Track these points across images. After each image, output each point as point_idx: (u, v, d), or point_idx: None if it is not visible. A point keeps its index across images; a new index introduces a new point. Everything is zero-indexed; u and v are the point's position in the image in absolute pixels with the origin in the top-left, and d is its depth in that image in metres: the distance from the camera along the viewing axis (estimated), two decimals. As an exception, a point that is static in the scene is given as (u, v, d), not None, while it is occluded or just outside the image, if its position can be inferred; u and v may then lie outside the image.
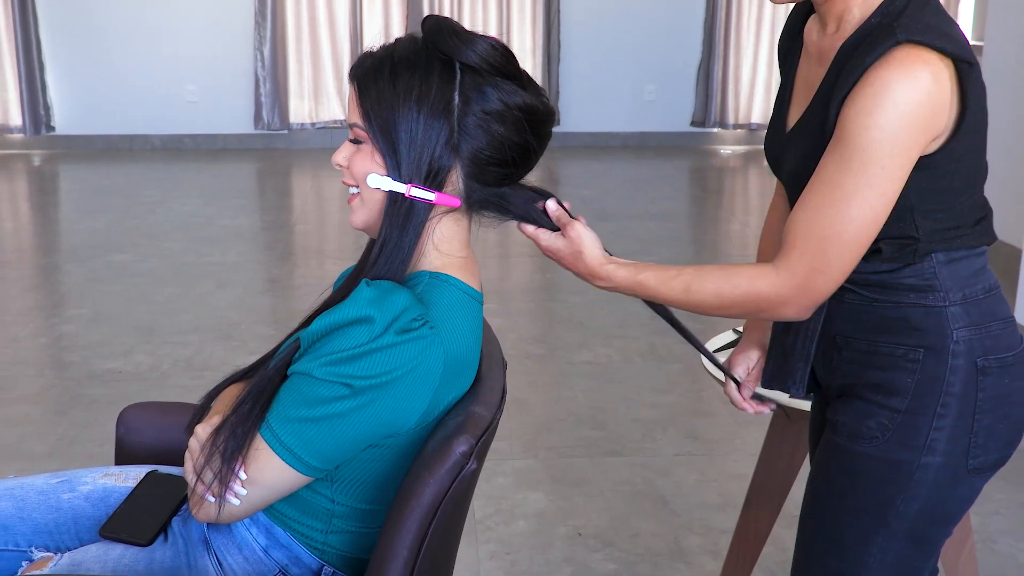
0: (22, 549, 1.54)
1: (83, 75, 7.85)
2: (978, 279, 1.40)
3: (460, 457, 1.28)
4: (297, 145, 8.16)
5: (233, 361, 3.69)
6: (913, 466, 1.39)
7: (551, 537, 2.65)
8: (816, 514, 1.49)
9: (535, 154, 1.39)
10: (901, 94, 1.25)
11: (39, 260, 5.34)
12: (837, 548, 1.46)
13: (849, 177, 1.28)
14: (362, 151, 1.36)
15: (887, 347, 1.40)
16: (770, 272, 1.35)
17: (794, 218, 1.34)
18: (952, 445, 1.38)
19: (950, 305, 1.37)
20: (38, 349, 4.00)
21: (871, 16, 1.34)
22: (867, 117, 1.26)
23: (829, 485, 1.47)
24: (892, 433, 1.39)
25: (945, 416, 1.38)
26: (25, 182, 7.33)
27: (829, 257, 1.31)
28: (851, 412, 1.43)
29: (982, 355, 1.38)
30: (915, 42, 1.26)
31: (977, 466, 1.41)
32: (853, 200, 1.29)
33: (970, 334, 1.38)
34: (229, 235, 5.67)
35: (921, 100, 1.26)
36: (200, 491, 1.31)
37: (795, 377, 1.51)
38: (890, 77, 1.26)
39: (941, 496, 1.41)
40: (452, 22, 1.34)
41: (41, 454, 3.10)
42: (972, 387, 1.38)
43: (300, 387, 1.28)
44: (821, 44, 1.43)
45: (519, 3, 8.03)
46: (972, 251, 1.40)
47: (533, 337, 4.15)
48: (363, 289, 1.27)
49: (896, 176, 1.29)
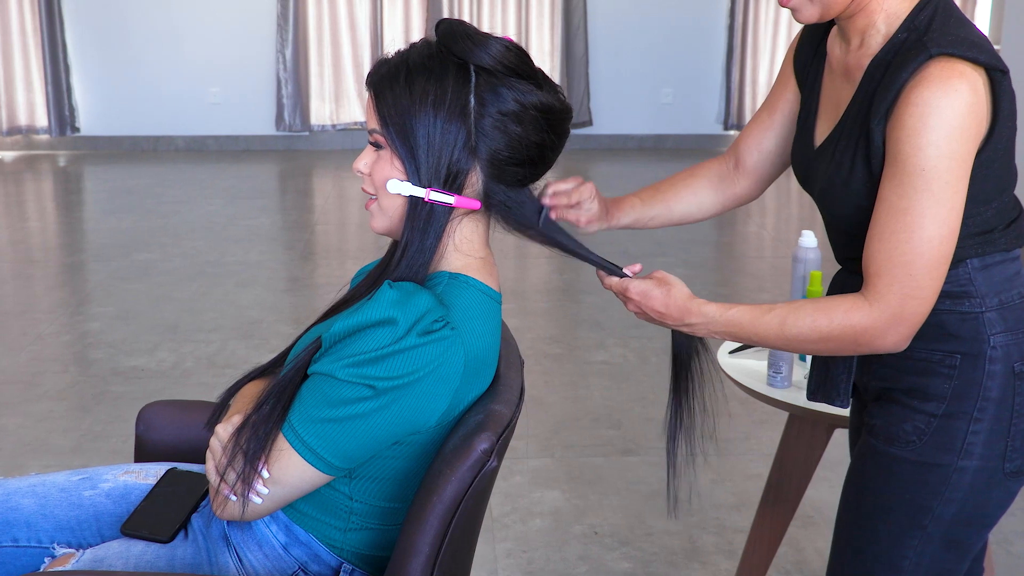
0: (45, 546, 1.56)
1: (108, 77, 7.92)
2: (1013, 283, 1.40)
3: (481, 454, 1.29)
4: (318, 146, 8.20)
5: (255, 359, 3.72)
6: (949, 470, 1.39)
7: (567, 535, 2.66)
8: (852, 516, 1.50)
9: (554, 152, 1.40)
10: (948, 109, 1.26)
11: (64, 259, 5.40)
12: (873, 550, 1.46)
13: (915, 200, 1.29)
14: (382, 157, 1.37)
15: (923, 352, 1.40)
16: (863, 304, 1.33)
17: (871, 249, 1.33)
18: (988, 449, 1.38)
19: (986, 311, 1.38)
20: (63, 346, 4.05)
21: (897, 32, 1.34)
22: (918, 138, 1.27)
23: (865, 487, 1.47)
24: (928, 437, 1.39)
25: (982, 420, 1.38)
26: (51, 182, 7.41)
27: (918, 280, 1.30)
28: (887, 416, 1.44)
29: (1019, 359, 1.38)
30: (948, 55, 1.27)
31: (1014, 469, 1.41)
32: (925, 220, 1.29)
33: (1007, 339, 1.38)
34: (251, 235, 5.71)
35: (965, 112, 1.27)
36: (223, 491, 1.33)
37: (839, 389, 1.52)
38: (931, 94, 1.26)
39: (977, 500, 1.41)
40: (465, 25, 1.34)
41: (65, 449, 3.14)
42: (1010, 391, 1.38)
43: (322, 388, 1.29)
44: (846, 60, 1.42)
45: (538, 6, 8.05)
46: (1007, 255, 1.40)
47: (550, 337, 4.16)
48: (386, 291, 1.28)
49: (960, 188, 1.29)
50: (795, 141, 1.55)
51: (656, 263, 5.14)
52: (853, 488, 1.50)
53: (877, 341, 1.34)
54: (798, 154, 1.54)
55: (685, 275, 4.91)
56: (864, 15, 1.37)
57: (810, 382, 1.58)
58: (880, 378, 1.46)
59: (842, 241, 1.48)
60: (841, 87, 1.44)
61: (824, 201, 1.45)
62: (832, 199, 1.43)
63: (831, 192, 1.42)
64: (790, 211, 6.97)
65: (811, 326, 1.35)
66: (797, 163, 1.54)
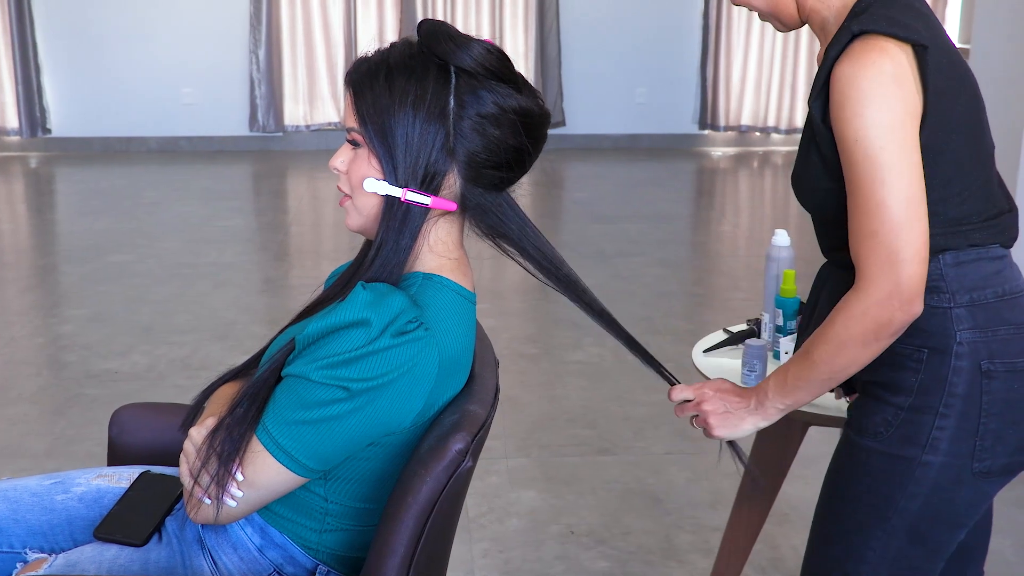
0: (16, 551, 1.54)
1: (79, 78, 7.86)
2: (989, 282, 1.40)
3: (456, 455, 1.29)
4: (292, 147, 8.17)
5: (229, 361, 3.70)
6: (914, 464, 1.40)
7: (544, 535, 2.67)
8: (826, 502, 1.53)
9: (531, 157, 1.40)
10: (865, 80, 1.31)
11: (37, 261, 5.36)
12: (839, 537, 1.49)
13: (859, 172, 1.32)
14: (359, 155, 1.37)
15: (896, 346, 1.40)
16: (854, 293, 1.35)
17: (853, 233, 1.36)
18: (955, 446, 1.39)
19: (955, 307, 1.39)
20: (36, 349, 4.02)
21: (844, 21, 1.39)
22: (843, 111, 1.32)
23: (838, 477, 1.51)
24: (896, 429, 1.41)
25: (948, 416, 1.39)
26: (22, 184, 7.34)
27: (888, 245, 1.31)
28: (862, 407, 1.47)
29: (987, 358, 1.39)
30: (868, 32, 1.32)
31: (984, 470, 1.41)
32: (874, 187, 1.31)
33: (975, 336, 1.39)
34: (225, 236, 5.68)
35: (885, 82, 1.31)
36: (197, 494, 1.32)
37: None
38: (851, 68, 1.32)
39: (944, 496, 1.42)
40: (448, 26, 1.34)
41: (39, 453, 3.11)
42: (977, 389, 1.38)
43: (296, 389, 1.29)
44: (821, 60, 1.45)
45: (512, 7, 8.06)
46: (983, 252, 1.40)
47: (526, 336, 4.17)
48: (359, 292, 1.28)
49: (902, 155, 1.31)
50: None
51: (632, 262, 5.15)
52: (829, 478, 1.53)
53: (894, 325, 1.34)
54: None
55: (661, 274, 4.96)
56: (816, 14, 1.44)
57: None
58: (867, 369, 1.46)
59: (819, 231, 1.51)
60: None
61: (797, 193, 1.50)
62: (799, 189, 1.47)
63: (797, 183, 1.48)
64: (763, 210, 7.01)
65: (833, 341, 1.37)
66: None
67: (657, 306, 4.46)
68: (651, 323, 4.21)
